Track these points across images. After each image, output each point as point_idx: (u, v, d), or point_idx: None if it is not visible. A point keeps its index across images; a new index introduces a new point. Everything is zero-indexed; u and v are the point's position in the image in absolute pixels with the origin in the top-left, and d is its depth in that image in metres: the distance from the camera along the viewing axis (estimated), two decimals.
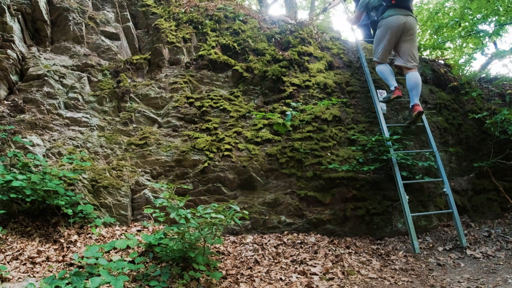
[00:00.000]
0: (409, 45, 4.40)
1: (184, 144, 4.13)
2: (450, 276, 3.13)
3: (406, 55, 4.39)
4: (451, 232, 4.06)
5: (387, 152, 4.00)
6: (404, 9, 4.33)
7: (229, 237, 3.66)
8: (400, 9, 4.31)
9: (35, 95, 4.10)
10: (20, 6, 4.54)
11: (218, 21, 5.25)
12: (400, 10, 4.31)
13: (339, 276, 2.95)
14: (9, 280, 2.43)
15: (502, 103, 5.29)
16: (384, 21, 4.39)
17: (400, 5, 4.32)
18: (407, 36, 4.37)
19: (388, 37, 4.39)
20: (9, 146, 3.64)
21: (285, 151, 4.16)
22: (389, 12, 4.34)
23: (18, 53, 4.31)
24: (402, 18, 4.30)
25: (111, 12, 5.22)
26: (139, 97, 4.47)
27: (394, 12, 4.31)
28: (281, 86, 4.69)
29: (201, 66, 4.77)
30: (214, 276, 2.66)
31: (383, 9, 4.42)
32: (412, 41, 4.40)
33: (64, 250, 2.98)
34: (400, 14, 4.29)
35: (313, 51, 5.16)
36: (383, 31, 4.42)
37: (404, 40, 4.40)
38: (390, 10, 4.34)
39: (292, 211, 3.91)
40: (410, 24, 4.33)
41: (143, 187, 3.86)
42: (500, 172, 4.76)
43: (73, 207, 3.38)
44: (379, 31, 4.48)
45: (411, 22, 4.35)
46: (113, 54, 4.87)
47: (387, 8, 4.37)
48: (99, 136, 4.12)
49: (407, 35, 4.37)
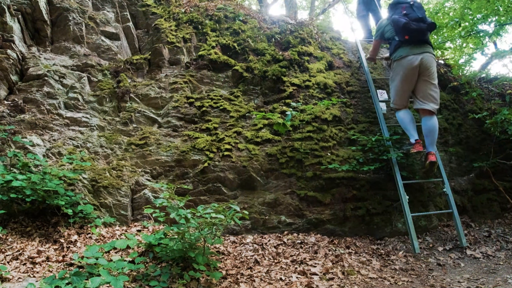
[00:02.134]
0: (426, 86, 3.83)
1: (184, 144, 4.13)
2: (450, 276, 3.13)
3: (425, 97, 3.84)
4: (451, 232, 4.06)
5: (387, 152, 4.00)
6: (420, 45, 3.76)
7: (229, 237, 3.66)
8: (414, 46, 3.75)
9: (35, 95, 4.10)
10: (20, 6, 4.54)
11: (218, 21, 5.25)
12: (414, 48, 3.75)
13: (339, 276, 2.95)
14: (9, 280, 2.43)
15: (502, 103, 5.28)
16: (395, 63, 3.87)
17: (414, 41, 3.75)
18: (425, 77, 3.81)
19: (402, 82, 3.87)
20: (9, 146, 3.64)
21: (285, 151, 4.16)
22: (401, 52, 3.80)
23: (18, 53, 4.31)
24: (416, 59, 3.72)
25: (111, 12, 5.22)
26: (139, 97, 4.47)
27: (407, 51, 3.76)
28: (281, 86, 4.69)
29: (201, 66, 4.77)
30: (214, 276, 2.66)
31: (395, 46, 3.87)
32: (430, 82, 3.83)
33: (64, 250, 2.98)
34: (414, 54, 3.73)
35: (313, 51, 5.16)
36: (396, 73, 3.91)
37: (421, 80, 3.83)
38: (402, 49, 3.80)
39: (292, 211, 3.91)
40: (426, 64, 3.75)
41: (143, 187, 3.86)
42: (500, 172, 4.76)
43: (73, 207, 3.38)
44: (393, 73, 3.98)
45: (428, 60, 3.75)
46: (113, 54, 4.87)
47: (400, 46, 3.82)
48: (99, 136, 4.12)
49: (424, 75, 3.80)
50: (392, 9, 4.01)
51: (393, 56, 3.90)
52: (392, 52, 3.93)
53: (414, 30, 3.69)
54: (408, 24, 3.69)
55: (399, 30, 3.78)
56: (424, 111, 3.83)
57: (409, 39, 3.73)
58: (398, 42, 3.82)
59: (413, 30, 3.69)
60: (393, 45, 3.91)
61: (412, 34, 3.70)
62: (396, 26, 3.83)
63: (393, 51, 3.90)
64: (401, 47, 3.81)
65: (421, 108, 3.85)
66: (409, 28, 3.69)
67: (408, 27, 3.69)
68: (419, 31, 3.71)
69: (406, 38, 3.74)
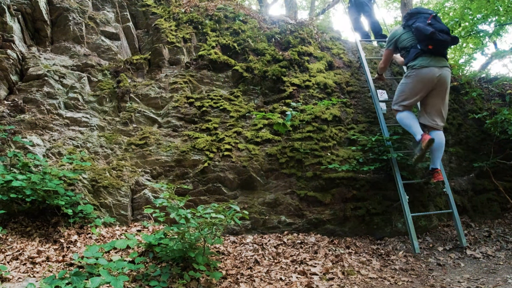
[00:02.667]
0: (439, 101, 3.73)
1: (184, 144, 4.13)
2: (450, 276, 3.13)
3: (433, 112, 3.76)
4: (451, 232, 4.06)
5: (387, 152, 4.00)
6: (440, 58, 3.66)
7: (229, 237, 3.66)
8: (435, 58, 3.63)
9: (35, 95, 4.10)
10: (20, 6, 4.54)
11: (218, 21, 5.25)
12: (435, 60, 3.63)
13: (339, 276, 2.95)
14: (9, 280, 2.43)
15: (502, 103, 5.28)
16: (414, 72, 3.69)
17: (436, 52, 3.64)
18: (438, 91, 3.70)
19: (417, 89, 3.73)
20: (9, 146, 3.64)
21: (285, 151, 4.16)
22: (422, 61, 3.65)
23: (18, 53, 4.32)
24: (437, 71, 3.61)
25: (111, 12, 5.22)
26: (139, 97, 4.47)
27: (428, 61, 3.63)
28: (281, 86, 4.69)
29: (201, 66, 4.77)
30: (214, 276, 2.66)
31: (416, 54, 3.70)
32: (443, 97, 3.74)
33: (64, 250, 2.98)
34: (435, 66, 3.61)
35: (313, 51, 5.16)
36: (412, 82, 3.73)
37: (434, 94, 3.72)
38: (423, 58, 3.65)
39: (292, 211, 3.91)
40: (444, 78, 3.65)
41: (143, 187, 3.86)
42: (500, 172, 4.76)
43: (73, 207, 3.38)
44: (407, 80, 3.78)
45: (446, 75, 3.66)
46: (113, 54, 4.87)
47: (421, 54, 3.67)
48: (99, 136, 4.12)
49: (439, 90, 3.70)
50: (412, 18, 3.85)
51: (413, 63, 3.73)
52: (411, 59, 3.76)
53: (439, 41, 3.57)
54: (434, 34, 3.54)
55: (424, 38, 3.62)
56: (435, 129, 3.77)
57: (432, 49, 3.61)
58: (419, 51, 3.67)
59: (438, 41, 3.57)
60: (413, 53, 3.74)
61: (436, 44, 3.59)
62: (420, 34, 3.65)
63: (413, 59, 3.74)
64: (422, 56, 3.67)
65: (430, 125, 3.79)
66: (435, 38, 3.55)
67: (435, 37, 3.55)
68: (444, 43, 3.60)
69: (430, 48, 3.60)
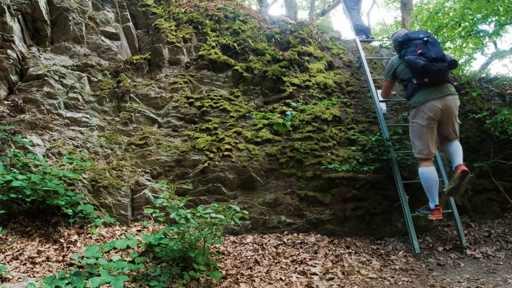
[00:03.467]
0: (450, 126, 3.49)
1: (184, 144, 4.13)
2: (450, 276, 3.13)
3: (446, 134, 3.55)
4: (451, 232, 4.06)
5: (387, 152, 4.00)
6: (441, 86, 3.37)
7: (229, 237, 3.66)
8: (435, 89, 3.36)
9: (35, 95, 4.10)
10: (20, 6, 4.54)
11: (218, 21, 5.25)
12: (435, 91, 3.36)
13: (339, 276, 2.95)
14: (9, 280, 2.43)
15: (502, 103, 5.28)
16: (415, 109, 3.46)
17: (435, 83, 3.36)
18: (448, 120, 3.45)
19: (424, 131, 3.44)
20: (9, 146, 3.64)
21: (285, 151, 4.16)
22: (421, 97, 3.40)
23: (18, 53, 4.32)
24: (438, 104, 3.34)
25: (111, 12, 5.22)
26: (139, 97, 4.47)
27: (427, 95, 3.37)
28: (281, 86, 4.69)
29: (201, 66, 4.77)
30: (214, 276, 2.66)
31: (413, 90, 3.45)
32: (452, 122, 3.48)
33: (64, 250, 2.98)
34: (435, 98, 3.34)
35: (313, 51, 5.16)
36: (416, 121, 3.48)
37: (442, 123, 3.47)
38: (422, 93, 3.40)
39: (292, 211, 3.91)
40: (449, 108, 3.38)
41: (143, 187, 3.86)
42: (500, 172, 4.76)
43: (73, 207, 3.38)
44: (412, 120, 3.54)
45: (451, 105, 3.38)
46: (113, 54, 4.87)
47: (418, 89, 3.42)
48: (99, 136, 4.12)
49: (448, 119, 3.44)
50: (404, 48, 3.55)
51: (412, 101, 3.51)
52: (409, 96, 3.54)
53: (435, 71, 3.28)
54: (427, 66, 3.26)
55: (417, 72, 3.35)
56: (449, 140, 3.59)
57: (429, 82, 3.34)
58: (416, 86, 3.43)
59: (433, 72, 3.28)
60: (411, 88, 3.49)
61: (432, 76, 3.31)
62: (413, 68, 3.39)
63: (411, 95, 3.51)
64: (420, 90, 3.42)
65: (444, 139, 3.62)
66: (429, 70, 3.28)
67: (428, 69, 3.27)
68: (440, 72, 3.31)
69: (426, 81, 3.33)
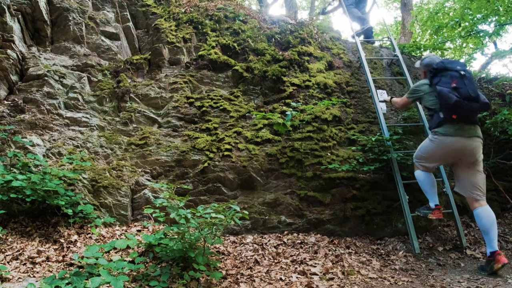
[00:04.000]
0: (474, 175, 3.28)
1: (184, 144, 4.13)
2: (450, 276, 3.13)
3: (469, 185, 3.29)
4: (451, 232, 4.06)
5: (387, 152, 4.00)
6: (468, 126, 3.19)
7: (229, 237, 3.66)
8: (462, 127, 3.17)
9: (35, 95, 4.10)
10: (20, 6, 4.55)
11: (218, 21, 5.25)
12: (462, 129, 3.17)
13: (339, 276, 2.95)
14: (9, 280, 2.43)
15: (502, 103, 5.28)
16: (438, 138, 3.28)
17: (463, 121, 3.17)
18: (470, 164, 3.27)
19: (438, 158, 3.39)
20: (9, 146, 3.64)
21: (285, 151, 4.16)
22: (445, 130, 3.21)
23: (18, 53, 4.32)
24: (463, 143, 3.17)
25: (111, 12, 5.22)
26: (139, 97, 4.47)
27: (452, 131, 3.19)
28: (281, 86, 4.69)
29: (201, 66, 4.77)
30: (214, 276, 2.66)
31: (439, 123, 3.26)
32: (477, 170, 3.29)
33: (64, 250, 2.98)
34: (460, 136, 3.17)
35: (313, 51, 5.16)
36: (433, 148, 3.34)
37: (464, 165, 3.30)
38: (447, 127, 3.21)
39: (292, 211, 3.91)
40: (473, 151, 3.21)
41: (143, 187, 3.86)
42: (500, 172, 4.76)
43: (73, 207, 3.38)
44: (429, 143, 3.38)
45: (475, 149, 3.21)
46: (113, 54, 4.87)
47: (445, 122, 3.22)
48: (99, 136, 4.12)
49: (469, 162, 3.26)
50: (437, 76, 3.32)
51: (437, 130, 3.30)
52: (434, 126, 3.34)
53: (466, 110, 3.09)
54: (459, 103, 3.05)
55: (447, 107, 3.14)
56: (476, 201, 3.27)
57: (457, 119, 3.14)
58: (442, 119, 3.23)
59: (464, 110, 3.09)
60: (436, 121, 3.31)
61: (462, 114, 3.12)
62: (443, 101, 3.16)
63: (436, 126, 3.32)
64: (446, 124, 3.23)
65: (472, 198, 3.29)
66: (460, 108, 3.08)
67: (459, 106, 3.07)
68: (471, 111, 3.13)
69: (454, 118, 3.14)
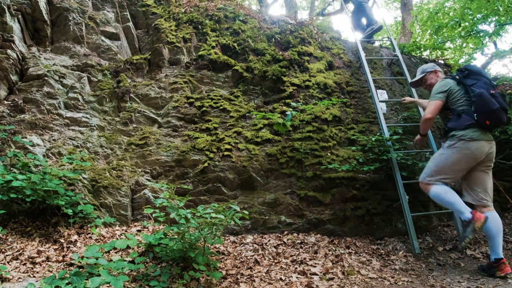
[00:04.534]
0: (486, 178, 3.29)
1: (184, 144, 4.13)
2: (450, 276, 3.13)
3: (480, 190, 3.28)
4: (451, 232, 4.06)
5: (387, 152, 4.00)
6: (489, 133, 3.24)
7: (229, 237, 3.66)
8: (485, 132, 3.20)
9: (35, 95, 4.10)
10: (20, 6, 4.55)
11: (218, 21, 5.25)
12: (485, 134, 3.19)
13: (339, 276, 2.95)
14: (9, 280, 2.43)
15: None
16: (462, 144, 3.19)
17: (489, 128, 3.21)
18: (485, 167, 3.28)
19: (461, 164, 3.25)
20: (9, 146, 3.64)
21: (285, 151, 4.16)
22: (473, 133, 3.16)
23: (18, 53, 4.32)
24: (487, 146, 3.18)
25: (111, 12, 5.22)
26: (139, 97, 4.47)
27: (478, 134, 3.16)
28: (281, 86, 4.69)
29: (201, 66, 4.77)
30: (214, 276, 2.66)
31: (467, 124, 3.19)
32: (489, 174, 3.32)
33: (64, 250, 2.98)
34: (486, 140, 3.18)
35: (313, 51, 5.16)
36: (457, 156, 3.23)
37: (479, 169, 3.28)
38: (475, 130, 3.16)
39: (292, 211, 3.91)
40: (492, 155, 3.25)
41: (143, 187, 3.86)
42: (500, 172, 4.76)
43: (73, 207, 3.38)
44: (449, 152, 3.26)
45: (493, 152, 3.26)
46: (113, 54, 4.87)
47: (472, 126, 3.17)
48: (99, 136, 4.12)
49: (485, 165, 3.27)
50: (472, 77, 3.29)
51: (461, 133, 3.22)
52: (460, 127, 3.25)
53: (499, 120, 3.12)
54: (499, 112, 3.08)
55: (485, 111, 3.10)
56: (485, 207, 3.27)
57: (489, 125, 3.15)
58: (473, 122, 3.18)
59: (498, 120, 3.12)
60: (464, 121, 3.23)
61: (494, 122, 3.13)
62: (483, 104, 3.12)
63: (463, 128, 3.23)
64: (474, 127, 3.19)
65: (482, 204, 3.27)
66: (497, 117, 3.09)
67: (498, 115, 3.09)
68: (501, 122, 3.18)
69: (487, 124, 3.12)
